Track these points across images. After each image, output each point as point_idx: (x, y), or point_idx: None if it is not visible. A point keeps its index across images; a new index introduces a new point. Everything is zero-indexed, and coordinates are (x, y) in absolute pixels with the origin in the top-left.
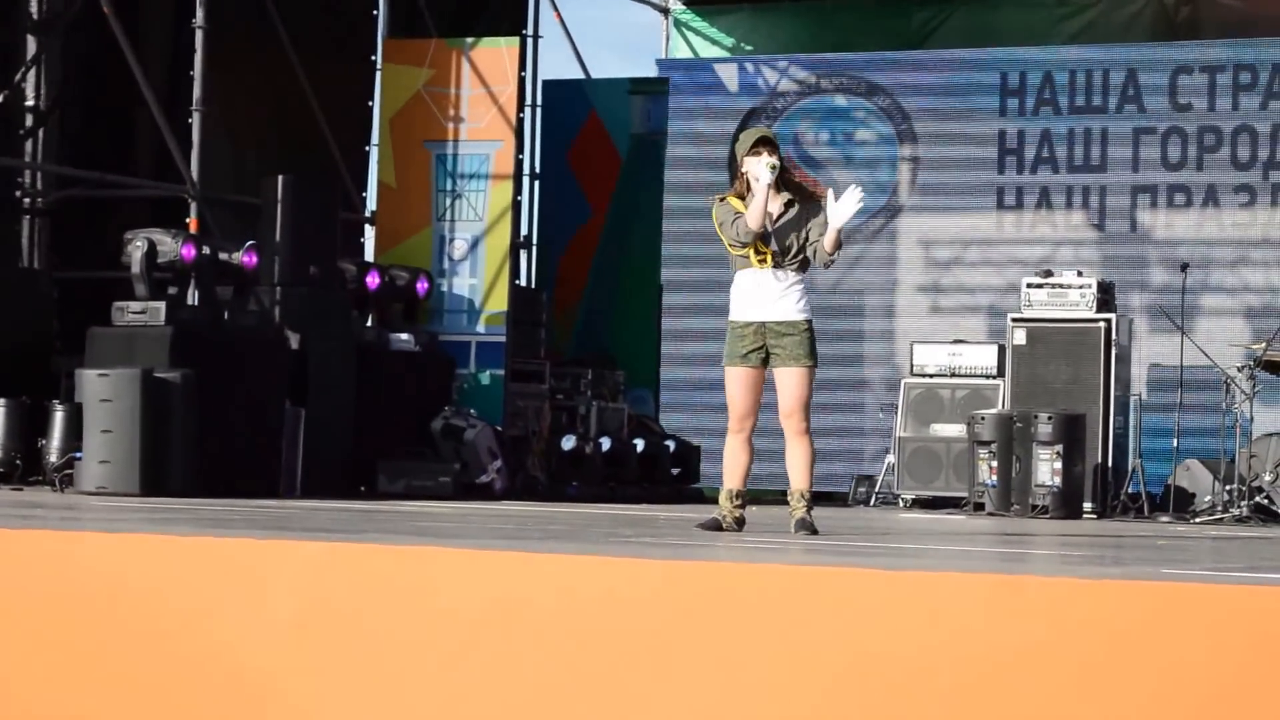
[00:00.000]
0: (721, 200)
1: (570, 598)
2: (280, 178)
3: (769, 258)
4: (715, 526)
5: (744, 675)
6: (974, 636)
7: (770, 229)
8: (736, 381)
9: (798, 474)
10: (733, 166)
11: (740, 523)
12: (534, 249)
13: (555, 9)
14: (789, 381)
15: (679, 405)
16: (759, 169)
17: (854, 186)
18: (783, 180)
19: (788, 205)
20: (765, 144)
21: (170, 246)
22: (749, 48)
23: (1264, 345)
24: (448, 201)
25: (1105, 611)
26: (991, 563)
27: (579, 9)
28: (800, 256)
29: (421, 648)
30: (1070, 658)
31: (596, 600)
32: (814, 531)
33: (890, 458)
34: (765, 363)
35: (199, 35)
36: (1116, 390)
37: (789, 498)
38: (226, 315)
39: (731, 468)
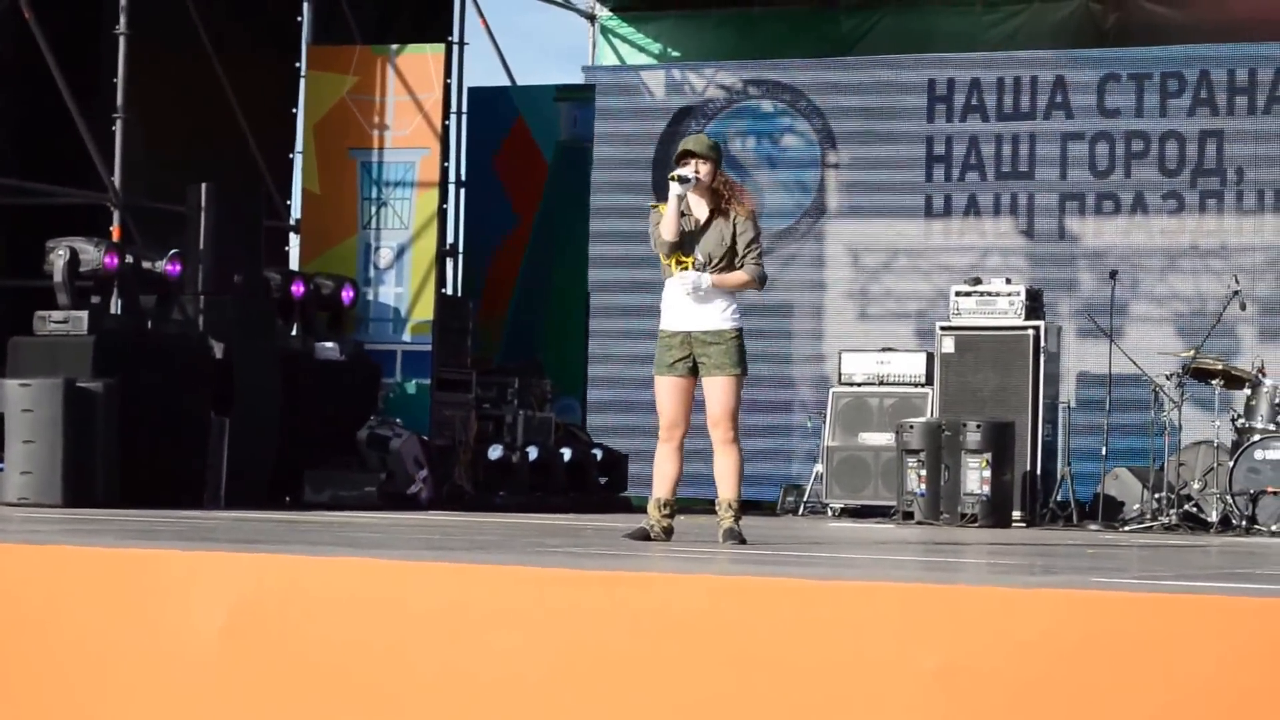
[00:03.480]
0: (654, 207)
1: (496, 608)
2: (204, 185)
3: (690, 266)
4: (643, 536)
5: (669, 686)
6: (903, 646)
7: (693, 233)
8: (664, 390)
9: (725, 483)
10: (659, 174)
11: (668, 532)
12: (460, 257)
13: (481, 16)
14: (714, 390)
15: (607, 413)
16: (671, 183)
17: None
18: (711, 190)
19: (713, 213)
20: (686, 155)
21: (93, 255)
22: (676, 54)
23: (1192, 353)
24: (373, 209)
25: (1034, 620)
26: (920, 572)
27: (505, 16)
28: (722, 265)
29: (348, 659)
30: (998, 666)
31: (522, 610)
32: (742, 541)
33: (818, 466)
34: (694, 372)
35: (121, 42)
36: (1045, 398)
37: (717, 507)
38: (150, 324)
39: (660, 477)
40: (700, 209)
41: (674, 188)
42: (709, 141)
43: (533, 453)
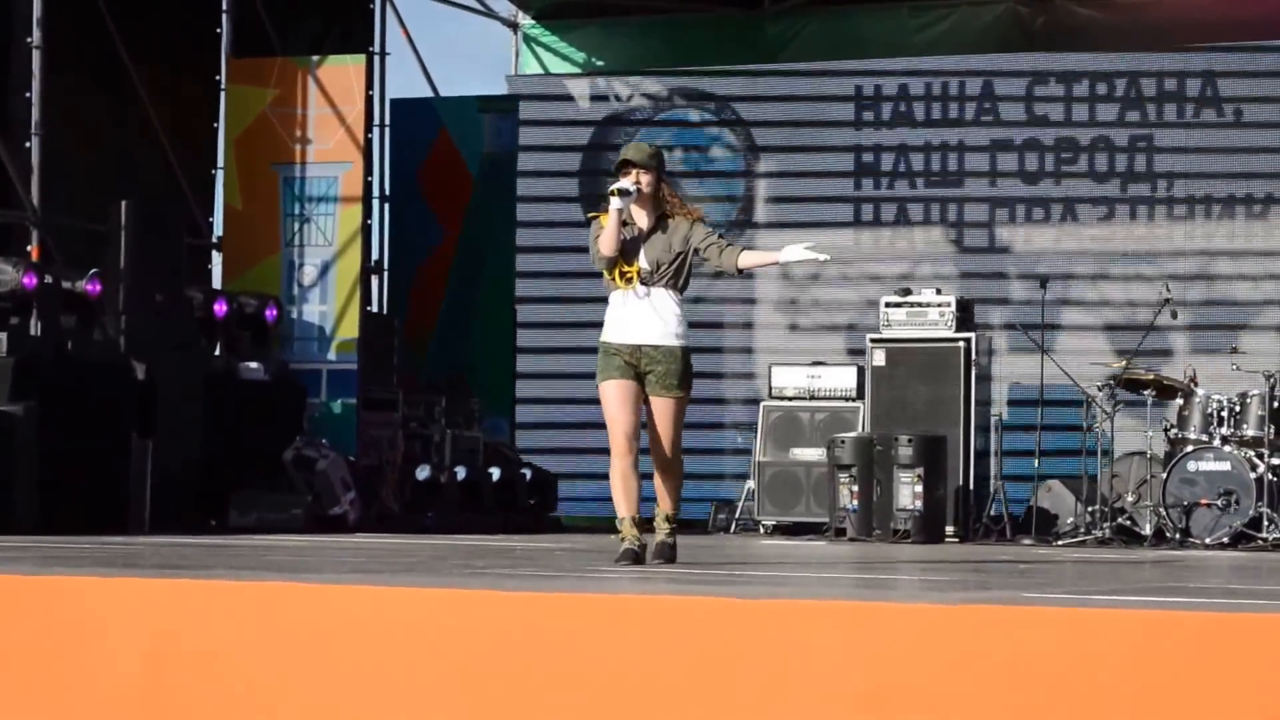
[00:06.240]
0: (594, 218)
1: (423, 631)
2: (123, 203)
3: (635, 275)
4: (633, 557)
5: (597, 708)
6: (834, 665)
7: (635, 240)
8: (613, 395)
9: (664, 497)
10: (585, 185)
11: (645, 549)
12: (385, 273)
13: (403, 26)
14: (660, 410)
15: (536, 432)
16: (612, 196)
17: (810, 246)
18: (655, 197)
19: (658, 220)
20: (627, 165)
21: (11, 275)
22: (600, 62)
23: (1124, 363)
24: (296, 226)
25: (967, 636)
26: (852, 590)
27: (427, 25)
28: (670, 274)
29: (272, 686)
30: (930, 684)
31: (450, 633)
32: (670, 559)
33: (750, 483)
34: (640, 380)
35: (35, 55)
36: (977, 411)
37: (655, 520)
38: (70, 345)
39: (625, 494)
40: (642, 217)
41: (614, 202)
42: (650, 149)
43: (461, 473)
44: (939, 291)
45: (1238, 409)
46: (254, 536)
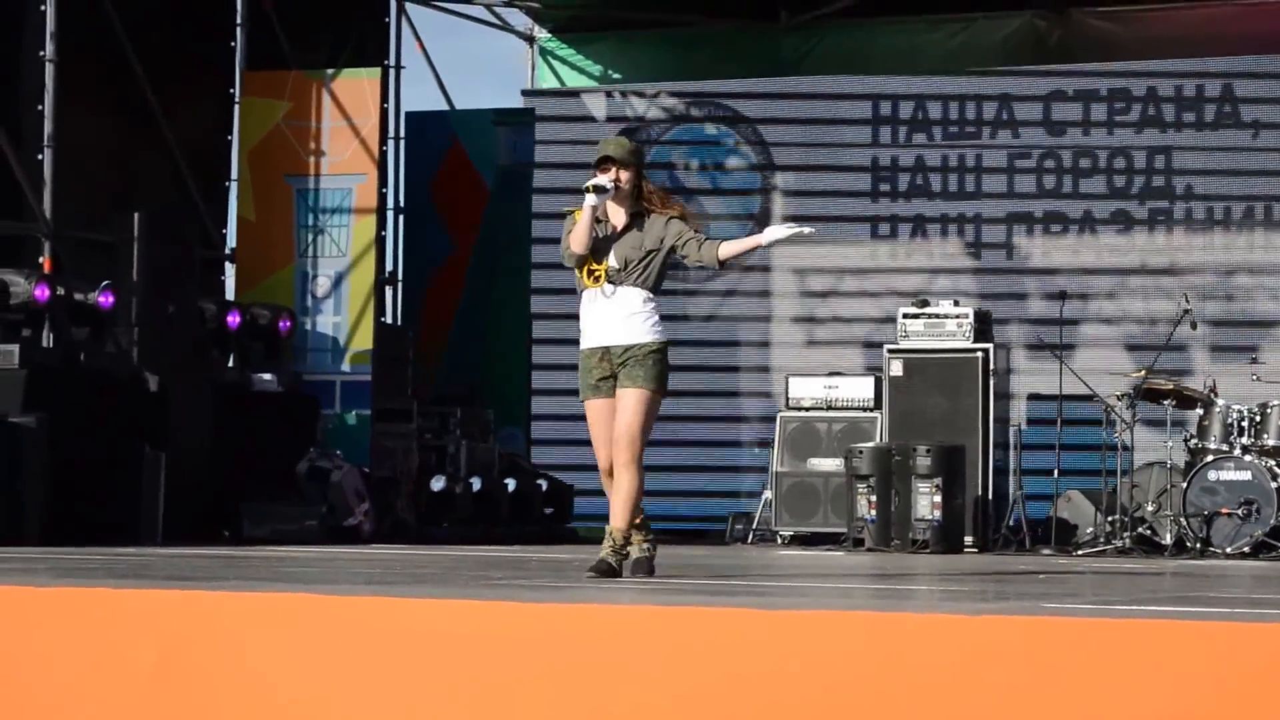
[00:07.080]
0: (571, 213)
1: (439, 643)
2: (136, 215)
3: (603, 274)
4: (605, 569)
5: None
6: (853, 675)
7: (607, 239)
8: (595, 416)
9: (617, 509)
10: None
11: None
12: (399, 285)
13: (418, 39)
14: (624, 403)
15: (551, 443)
16: (587, 193)
17: (793, 225)
18: (633, 194)
19: (633, 218)
20: (607, 161)
21: (23, 287)
22: (616, 75)
23: (1143, 373)
24: (310, 237)
25: (986, 647)
26: (870, 600)
27: (442, 39)
28: (638, 272)
29: (285, 697)
30: (950, 694)
31: (466, 645)
32: (612, 573)
33: (767, 493)
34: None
35: (49, 69)
36: (995, 421)
37: (604, 535)
38: (82, 357)
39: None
40: (617, 215)
41: (589, 199)
42: (629, 145)
43: (476, 484)
44: (956, 303)
45: (1258, 419)
46: (267, 548)
